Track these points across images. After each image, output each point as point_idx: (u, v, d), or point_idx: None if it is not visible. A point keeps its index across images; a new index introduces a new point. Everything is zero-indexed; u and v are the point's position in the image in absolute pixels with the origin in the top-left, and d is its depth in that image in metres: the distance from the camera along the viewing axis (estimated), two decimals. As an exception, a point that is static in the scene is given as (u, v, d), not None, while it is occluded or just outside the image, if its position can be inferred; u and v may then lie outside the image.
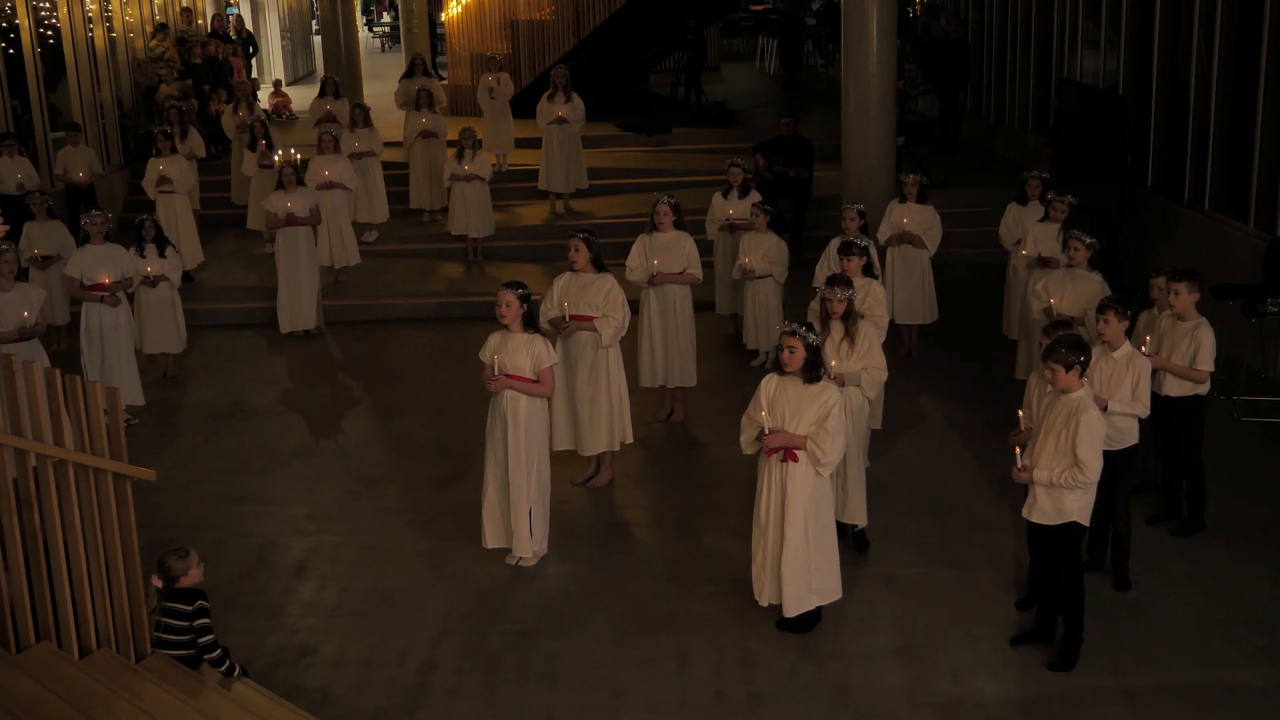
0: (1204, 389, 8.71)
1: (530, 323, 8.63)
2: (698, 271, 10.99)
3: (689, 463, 10.61)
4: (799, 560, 7.66)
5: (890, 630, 7.95)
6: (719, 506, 9.62)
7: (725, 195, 13.01)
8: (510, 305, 8.53)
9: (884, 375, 8.69)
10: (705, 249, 12.79)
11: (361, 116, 16.44)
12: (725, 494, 9.76)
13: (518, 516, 8.68)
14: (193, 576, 6.84)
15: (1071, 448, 7.10)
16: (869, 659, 7.66)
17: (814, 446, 7.46)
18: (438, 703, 7.36)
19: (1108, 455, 7.53)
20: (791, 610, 7.76)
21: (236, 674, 6.84)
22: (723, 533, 9.16)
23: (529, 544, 8.74)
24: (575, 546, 9.12)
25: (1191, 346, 8.56)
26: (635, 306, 10.81)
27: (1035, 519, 7.38)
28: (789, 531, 7.61)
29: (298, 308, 13.89)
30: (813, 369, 7.51)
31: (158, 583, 6.82)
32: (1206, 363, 8.56)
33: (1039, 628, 7.72)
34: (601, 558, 9.00)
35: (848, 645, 7.79)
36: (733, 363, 12.66)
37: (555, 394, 9.45)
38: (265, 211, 13.99)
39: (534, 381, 8.54)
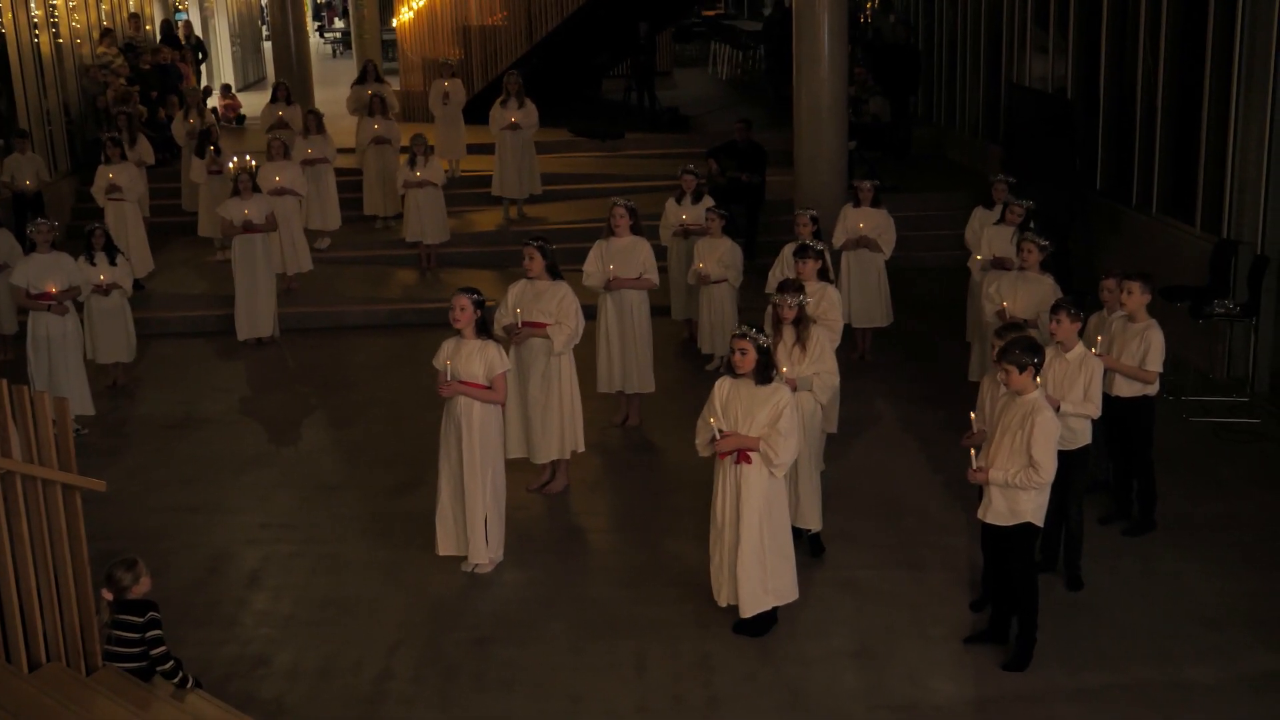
0: (1153, 390, 8.80)
1: (484, 329, 8.61)
2: (654, 277, 11.00)
3: (645, 468, 10.61)
4: (754, 561, 7.68)
5: (847, 633, 7.98)
6: (676, 511, 9.63)
7: (679, 201, 13.02)
8: (464, 310, 8.50)
9: (836, 380, 8.72)
10: (659, 255, 12.84)
11: (314, 123, 16.34)
12: (682, 498, 9.76)
13: (473, 524, 8.65)
14: (143, 586, 6.78)
15: (1027, 449, 7.16)
16: (826, 661, 7.69)
17: (766, 448, 7.49)
18: (394, 712, 7.32)
19: (1060, 455, 7.59)
20: (747, 610, 7.78)
21: (190, 685, 6.78)
22: (680, 537, 9.17)
23: (485, 551, 8.71)
24: (532, 553, 9.10)
25: (1141, 347, 8.65)
26: (592, 312, 10.82)
27: (990, 520, 7.44)
28: (744, 532, 7.63)
29: (255, 315, 13.78)
30: (764, 371, 7.55)
31: (108, 596, 6.75)
32: (1155, 363, 8.65)
33: (993, 628, 7.77)
34: (558, 564, 8.98)
35: (805, 648, 7.82)
36: (688, 367, 12.67)
37: (508, 401, 9.44)
38: (220, 219, 13.86)
39: (487, 388, 8.52)
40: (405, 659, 7.82)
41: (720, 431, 7.57)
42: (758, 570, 7.71)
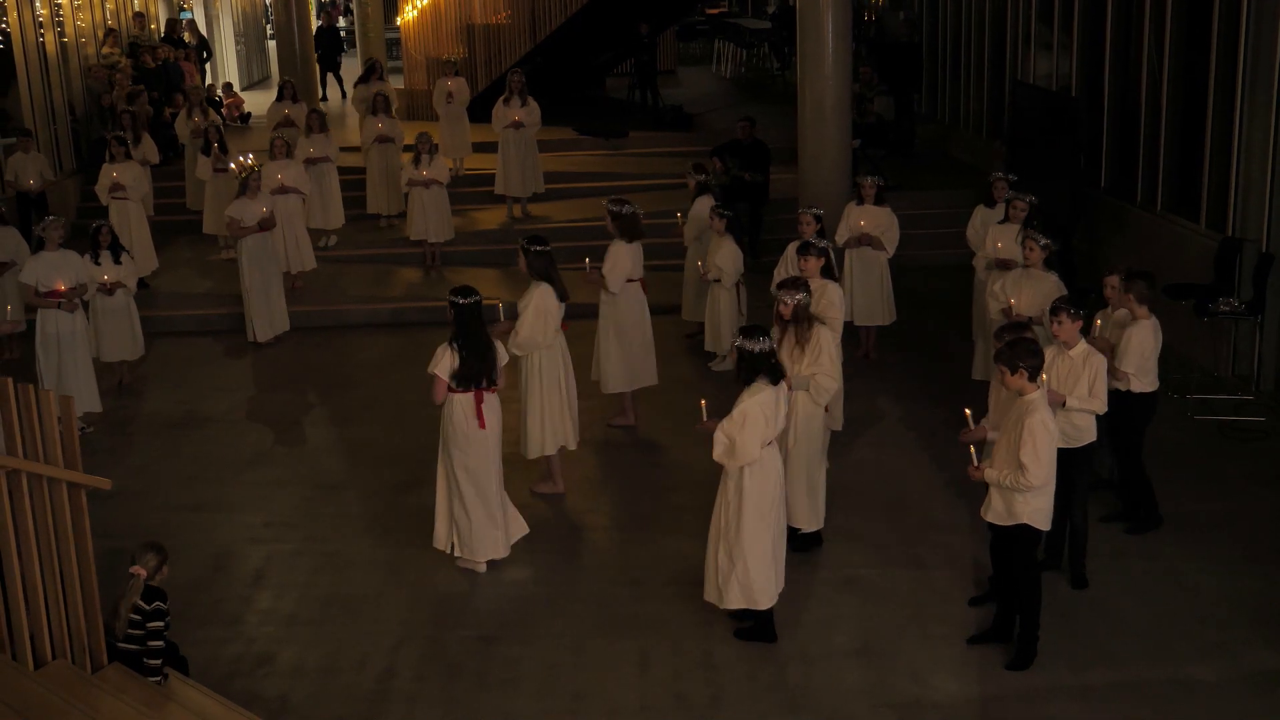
0: (1137, 386, 8.72)
1: (458, 329, 8.63)
2: (608, 279, 10.90)
3: (648, 466, 10.61)
4: (727, 557, 7.72)
5: (850, 631, 7.99)
6: (679, 509, 9.63)
7: (693, 201, 13.04)
8: (449, 310, 8.68)
9: (833, 384, 8.64)
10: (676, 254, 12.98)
11: (317, 122, 16.34)
12: (685, 496, 9.76)
13: (439, 510, 8.79)
14: (162, 575, 6.86)
15: (1017, 451, 7.17)
16: (829, 660, 7.69)
17: (716, 434, 7.62)
18: (397, 709, 7.34)
19: (1064, 453, 7.59)
20: (724, 604, 7.80)
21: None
22: (682, 535, 9.17)
23: (443, 539, 8.81)
24: (535, 551, 9.10)
25: (1122, 345, 8.68)
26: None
27: (990, 519, 7.46)
28: (742, 531, 7.65)
29: (274, 314, 13.83)
30: (739, 372, 7.64)
31: (142, 573, 6.79)
32: (1124, 363, 8.64)
33: (997, 627, 7.77)
34: (562, 562, 8.99)
35: (807, 646, 7.82)
36: (693, 366, 12.64)
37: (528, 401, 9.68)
38: (229, 218, 13.74)
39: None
40: (408, 657, 7.83)
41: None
42: (727, 567, 7.73)
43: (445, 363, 8.54)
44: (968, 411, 7.78)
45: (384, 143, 16.92)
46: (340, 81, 25.97)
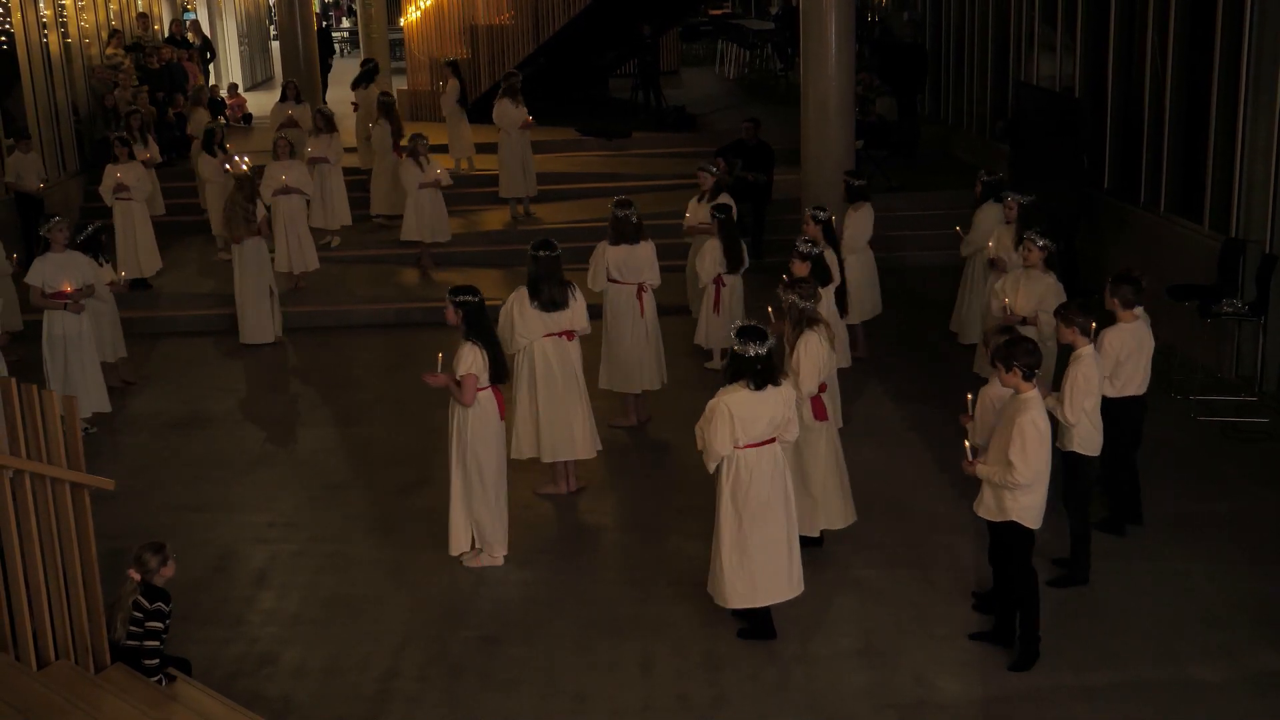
0: (1108, 391, 8.65)
1: (471, 328, 8.63)
2: (589, 277, 11.04)
3: (653, 466, 10.61)
4: (729, 557, 7.73)
5: (853, 632, 7.99)
6: (682, 510, 9.63)
7: (699, 200, 12.99)
8: (448, 310, 8.72)
9: (801, 392, 8.37)
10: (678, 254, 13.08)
11: (324, 122, 16.34)
12: (688, 497, 9.76)
13: (453, 515, 8.79)
14: (166, 573, 6.88)
15: (1005, 448, 7.18)
16: (832, 661, 7.69)
17: None
18: (400, 710, 7.34)
19: (1065, 457, 7.59)
20: (731, 605, 7.81)
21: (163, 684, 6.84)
22: (686, 536, 9.17)
23: (460, 543, 8.82)
24: (538, 552, 9.11)
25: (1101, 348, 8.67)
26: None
27: (981, 514, 7.49)
28: (718, 528, 7.70)
29: (273, 316, 13.84)
30: (725, 371, 7.68)
31: (136, 576, 6.81)
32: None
33: (999, 628, 7.76)
34: (564, 562, 9.00)
35: (811, 647, 7.82)
36: (699, 365, 12.62)
37: (521, 404, 9.68)
38: (261, 217, 13.69)
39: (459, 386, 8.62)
40: (411, 657, 7.84)
41: None
42: (719, 565, 7.76)
43: (479, 361, 8.55)
44: (970, 396, 7.78)
45: (381, 145, 16.91)
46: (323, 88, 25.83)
